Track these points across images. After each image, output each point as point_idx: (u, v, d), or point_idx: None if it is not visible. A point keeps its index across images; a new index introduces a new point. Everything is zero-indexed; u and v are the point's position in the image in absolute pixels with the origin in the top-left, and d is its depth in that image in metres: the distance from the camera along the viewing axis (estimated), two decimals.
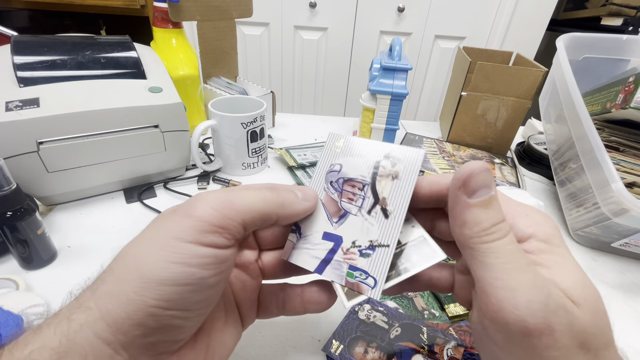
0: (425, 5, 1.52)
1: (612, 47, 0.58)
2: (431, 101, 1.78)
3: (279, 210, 0.20)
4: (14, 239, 0.35)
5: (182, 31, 0.64)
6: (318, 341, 0.32)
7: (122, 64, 0.48)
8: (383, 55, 0.64)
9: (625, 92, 0.46)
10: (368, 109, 0.64)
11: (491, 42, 1.58)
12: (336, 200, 0.22)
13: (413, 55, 1.64)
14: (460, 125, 0.70)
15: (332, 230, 0.22)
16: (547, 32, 1.54)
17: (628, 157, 0.47)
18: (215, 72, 0.70)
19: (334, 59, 1.66)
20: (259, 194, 0.19)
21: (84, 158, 0.43)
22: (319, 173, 0.23)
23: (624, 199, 0.38)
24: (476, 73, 0.64)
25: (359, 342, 0.31)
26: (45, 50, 0.44)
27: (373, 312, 0.34)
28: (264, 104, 0.54)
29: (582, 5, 1.65)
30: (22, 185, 0.36)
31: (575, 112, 0.46)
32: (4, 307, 0.29)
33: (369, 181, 0.21)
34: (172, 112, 0.47)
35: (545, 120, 0.62)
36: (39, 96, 0.40)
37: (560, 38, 0.56)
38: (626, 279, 0.44)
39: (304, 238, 0.22)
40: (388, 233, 0.20)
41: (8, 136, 0.38)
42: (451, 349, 0.31)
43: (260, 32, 1.59)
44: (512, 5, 1.47)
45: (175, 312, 0.16)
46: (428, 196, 0.20)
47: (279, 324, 0.34)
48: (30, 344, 0.15)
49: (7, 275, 0.35)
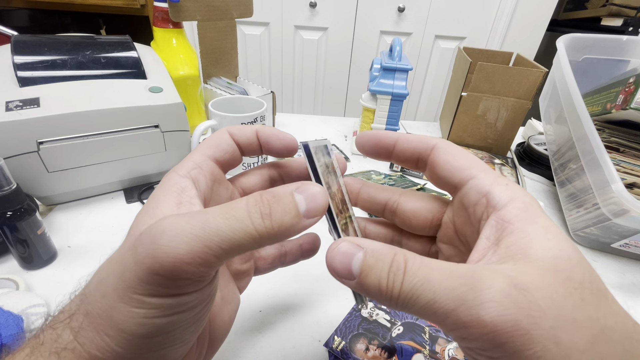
0: (425, 5, 1.52)
1: (612, 48, 0.58)
2: (431, 101, 1.78)
3: (270, 242, 0.15)
4: (14, 239, 0.34)
5: (182, 31, 0.64)
6: (318, 341, 0.32)
7: (123, 64, 0.48)
8: (383, 55, 0.64)
9: (626, 92, 0.46)
10: (368, 109, 0.64)
11: (491, 42, 1.58)
12: None
13: (413, 56, 1.64)
14: (461, 125, 0.70)
15: None
16: (547, 32, 1.54)
17: (628, 158, 0.47)
18: (215, 72, 0.70)
19: (334, 59, 1.66)
20: (244, 228, 0.14)
21: (84, 158, 0.43)
22: None
23: (624, 199, 0.38)
24: (476, 73, 0.64)
25: (360, 339, 0.31)
26: (45, 50, 0.44)
27: (376, 310, 0.34)
28: (264, 104, 0.54)
29: (582, 5, 1.65)
30: (22, 185, 0.36)
31: (575, 112, 0.46)
32: (4, 307, 0.29)
33: None
34: (173, 112, 0.47)
35: (546, 121, 0.62)
36: (39, 96, 0.40)
37: (560, 39, 0.56)
38: (626, 279, 0.44)
39: None
40: None
41: (8, 136, 0.38)
42: (453, 350, 0.31)
43: (261, 32, 1.59)
44: (512, 6, 1.47)
45: (173, 346, 0.15)
46: None
47: (279, 325, 0.34)
48: None
49: (7, 275, 0.35)
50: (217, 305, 0.20)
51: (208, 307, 0.16)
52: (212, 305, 0.19)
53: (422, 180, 0.61)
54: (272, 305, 0.36)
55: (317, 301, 0.36)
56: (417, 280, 0.14)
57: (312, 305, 0.36)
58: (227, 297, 0.21)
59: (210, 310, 0.19)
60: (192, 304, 0.15)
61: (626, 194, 0.38)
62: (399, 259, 0.14)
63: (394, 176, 0.59)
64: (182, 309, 0.15)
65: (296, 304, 0.36)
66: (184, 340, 0.16)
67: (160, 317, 0.14)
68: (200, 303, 0.15)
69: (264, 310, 0.35)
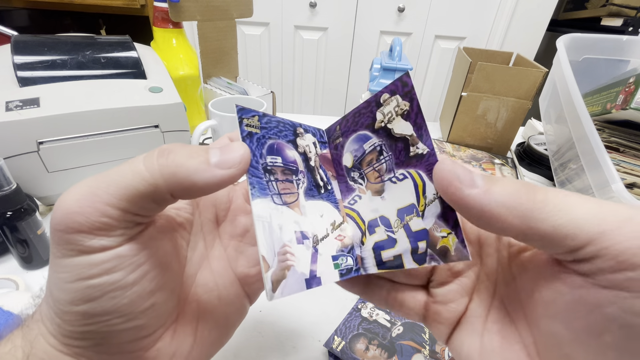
0: (425, 5, 1.52)
1: (612, 48, 0.58)
2: (431, 101, 1.78)
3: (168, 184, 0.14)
4: (14, 239, 0.35)
5: (182, 31, 0.64)
6: (318, 341, 0.32)
7: (123, 64, 0.48)
8: (383, 55, 0.64)
9: (626, 92, 0.46)
10: None
11: (491, 42, 1.58)
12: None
13: (413, 56, 1.64)
14: (461, 125, 0.70)
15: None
16: (547, 32, 1.54)
17: (628, 158, 0.47)
18: (215, 72, 0.70)
19: (334, 59, 1.66)
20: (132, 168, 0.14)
21: (84, 158, 0.43)
22: None
23: (624, 199, 0.38)
24: (476, 73, 0.64)
25: (360, 339, 0.31)
26: (45, 50, 0.44)
27: (376, 310, 0.34)
28: (264, 104, 0.54)
29: (582, 5, 1.65)
30: (22, 185, 0.36)
31: (575, 112, 0.46)
32: (4, 307, 0.29)
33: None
34: (173, 112, 0.47)
35: (546, 121, 0.62)
36: (39, 96, 0.40)
37: (560, 39, 0.56)
38: None
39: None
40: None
41: (8, 136, 0.38)
42: None
43: (261, 32, 1.59)
44: (512, 6, 1.47)
45: (110, 321, 0.15)
46: None
47: (279, 325, 0.34)
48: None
49: (7, 275, 0.35)
50: (210, 302, 0.19)
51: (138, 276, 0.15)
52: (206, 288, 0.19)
53: None
54: (272, 305, 0.36)
55: (317, 301, 0.36)
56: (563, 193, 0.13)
57: (312, 305, 0.36)
58: (224, 297, 0.20)
59: (184, 298, 0.19)
60: (107, 266, 0.14)
61: (626, 194, 0.38)
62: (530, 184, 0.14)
63: None
64: (99, 270, 0.14)
65: (296, 304, 0.36)
66: (121, 314, 0.15)
67: (75, 280, 0.14)
68: (120, 265, 0.15)
69: (264, 311, 0.35)
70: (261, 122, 0.18)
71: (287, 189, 0.18)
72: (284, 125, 0.19)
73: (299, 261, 0.16)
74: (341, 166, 0.19)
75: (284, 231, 0.16)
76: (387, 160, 0.18)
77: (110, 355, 0.16)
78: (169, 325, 0.18)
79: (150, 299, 0.16)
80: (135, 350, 0.16)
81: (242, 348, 0.31)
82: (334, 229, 0.18)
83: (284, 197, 0.17)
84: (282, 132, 0.19)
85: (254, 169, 0.17)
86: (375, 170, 0.18)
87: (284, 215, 0.17)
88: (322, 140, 0.20)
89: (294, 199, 0.18)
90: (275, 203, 0.17)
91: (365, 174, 0.18)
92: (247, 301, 0.21)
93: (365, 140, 0.19)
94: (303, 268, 0.16)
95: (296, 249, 0.16)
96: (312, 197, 0.18)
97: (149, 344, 0.17)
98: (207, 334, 0.19)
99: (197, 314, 0.19)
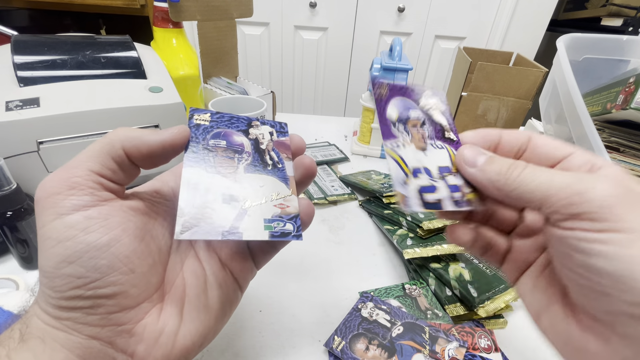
0: (425, 5, 1.52)
1: (613, 48, 0.58)
2: None
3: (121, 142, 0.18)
4: (14, 238, 0.34)
5: (182, 31, 0.64)
6: (318, 341, 0.32)
7: (123, 64, 0.48)
8: (383, 55, 0.64)
9: (626, 92, 0.46)
10: (368, 109, 0.64)
11: (491, 42, 1.58)
12: None
13: (413, 56, 1.64)
14: (461, 125, 0.70)
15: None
16: (547, 32, 1.54)
17: (628, 158, 0.47)
18: (215, 72, 0.70)
19: (334, 59, 1.65)
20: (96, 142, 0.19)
21: None
22: None
23: None
24: (476, 73, 0.64)
25: (360, 339, 0.31)
26: (45, 50, 0.44)
27: (376, 310, 0.34)
28: (264, 104, 0.54)
29: (582, 5, 1.65)
30: (23, 185, 0.36)
31: (575, 112, 0.46)
32: (4, 307, 0.29)
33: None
34: (173, 112, 0.47)
35: (546, 121, 0.62)
36: (39, 96, 0.40)
37: (560, 38, 0.56)
38: None
39: None
40: None
41: (8, 136, 0.38)
42: (453, 350, 0.31)
43: (261, 32, 1.59)
44: (512, 6, 1.47)
45: (93, 283, 0.17)
46: None
47: (279, 325, 0.34)
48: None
49: (7, 275, 0.35)
50: (198, 286, 0.21)
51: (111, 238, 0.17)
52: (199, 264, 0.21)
53: None
54: (272, 305, 0.36)
55: (317, 301, 0.36)
56: (537, 169, 0.18)
57: (312, 305, 0.36)
58: (212, 282, 0.21)
59: (172, 281, 0.21)
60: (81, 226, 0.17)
61: None
62: (519, 162, 0.18)
63: None
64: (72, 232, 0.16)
65: (296, 304, 0.36)
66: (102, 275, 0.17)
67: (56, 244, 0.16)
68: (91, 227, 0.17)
69: (264, 310, 0.35)
70: (212, 117, 0.22)
71: (225, 163, 0.21)
72: (238, 120, 0.23)
73: (219, 216, 0.19)
74: (384, 114, 0.22)
75: (209, 192, 0.20)
76: (429, 130, 0.22)
77: (100, 327, 0.17)
78: (156, 302, 0.19)
79: (128, 265, 0.18)
80: (123, 323, 0.18)
81: (242, 348, 0.31)
82: (276, 199, 0.21)
83: (218, 168, 0.21)
84: (234, 124, 0.23)
85: (192, 147, 0.20)
86: (419, 132, 0.22)
87: (214, 181, 0.20)
88: (280, 130, 0.24)
89: (231, 171, 0.21)
90: (207, 172, 0.20)
91: (410, 132, 0.22)
92: (237, 287, 0.23)
93: (411, 108, 0.23)
94: (223, 222, 0.19)
95: (219, 206, 0.19)
96: (256, 172, 0.22)
97: (136, 317, 0.18)
98: (195, 316, 0.20)
99: (183, 296, 0.20)
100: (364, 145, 0.68)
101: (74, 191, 0.17)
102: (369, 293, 0.36)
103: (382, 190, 0.50)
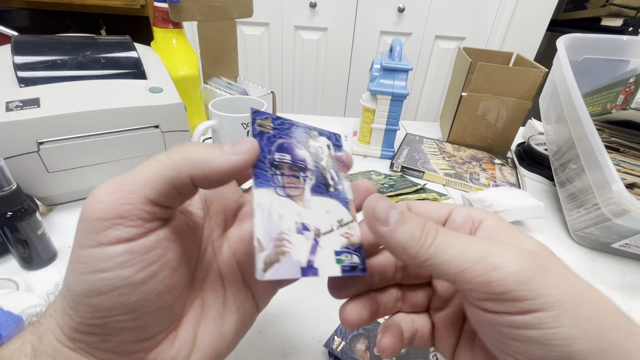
0: (425, 5, 1.52)
1: (613, 48, 0.58)
2: (431, 102, 1.78)
3: (189, 168, 0.16)
4: (14, 239, 0.35)
5: (182, 31, 0.64)
6: (319, 342, 0.32)
7: (123, 64, 0.48)
8: (383, 55, 0.64)
9: (626, 93, 0.46)
10: (368, 109, 0.64)
11: (491, 42, 1.58)
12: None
13: (413, 56, 1.64)
14: (461, 125, 0.70)
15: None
16: (547, 32, 1.54)
17: (628, 158, 0.47)
18: (215, 72, 0.70)
19: (334, 59, 1.65)
20: (157, 159, 0.16)
21: (84, 158, 0.43)
22: None
23: (624, 199, 0.38)
24: (476, 73, 0.64)
25: (360, 339, 0.31)
26: (45, 50, 0.44)
27: None
28: (264, 104, 0.54)
29: (582, 5, 1.65)
30: (23, 185, 0.36)
31: (575, 112, 0.46)
32: (4, 307, 0.29)
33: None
34: (173, 112, 0.47)
35: (546, 121, 0.62)
36: (39, 96, 0.40)
37: (560, 39, 0.56)
38: (626, 279, 0.44)
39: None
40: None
41: (8, 136, 0.38)
42: None
43: (261, 32, 1.59)
44: (512, 6, 1.47)
45: (117, 317, 0.16)
46: None
47: (279, 326, 0.34)
48: (8, 348, 0.16)
49: (7, 276, 0.35)
50: (215, 308, 0.20)
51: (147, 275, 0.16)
52: (213, 293, 0.20)
53: (422, 180, 0.61)
54: (272, 306, 0.36)
55: (317, 301, 0.36)
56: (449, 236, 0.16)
57: (312, 305, 0.36)
58: (231, 304, 0.20)
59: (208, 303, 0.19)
60: (119, 260, 0.15)
61: (626, 194, 0.38)
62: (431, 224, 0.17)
63: (394, 176, 0.59)
64: (112, 264, 0.15)
65: (296, 304, 0.36)
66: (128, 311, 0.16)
67: (91, 272, 0.15)
68: (132, 260, 0.15)
69: (264, 310, 0.35)
70: (274, 123, 0.19)
71: (292, 183, 0.18)
72: (298, 128, 0.20)
73: (296, 249, 0.17)
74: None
75: (283, 220, 0.17)
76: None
77: (113, 354, 0.16)
78: (172, 329, 0.18)
79: (157, 302, 0.16)
80: (137, 352, 0.17)
81: (242, 348, 0.31)
82: (340, 226, 0.19)
83: (288, 190, 0.18)
84: (295, 133, 0.20)
85: (260, 162, 0.18)
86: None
87: (286, 206, 0.18)
88: (336, 143, 0.22)
89: (299, 192, 0.19)
90: (278, 194, 0.18)
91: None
92: (255, 309, 0.22)
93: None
94: (300, 256, 0.17)
95: (295, 237, 0.17)
96: (320, 194, 0.19)
97: (151, 346, 0.17)
98: (208, 342, 0.19)
99: (199, 320, 0.19)
100: (364, 146, 0.68)
101: (122, 220, 0.15)
102: None
103: (382, 190, 0.50)
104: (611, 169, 0.39)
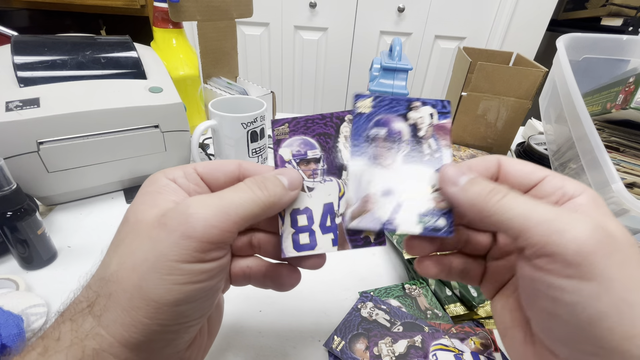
0: (425, 5, 1.52)
1: (612, 48, 0.58)
2: None
3: (270, 210, 0.19)
4: (14, 239, 0.35)
5: (182, 31, 0.64)
6: (318, 341, 0.32)
7: (123, 64, 0.48)
8: (383, 55, 0.64)
9: (626, 92, 0.46)
10: None
11: (491, 42, 1.58)
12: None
13: (413, 56, 1.64)
14: (461, 125, 0.70)
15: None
16: (547, 32, 1.54)
17: (628, 158, 0.47)
18: (215, 72, 0.70)
19: (334, 59, 1.65)
20: (250, 197, 0.19)
21: (84, 158, 0.43)
22: None
23: (624, 199, 0.38)
24: (476, 73, 0.64)
25: (360, 338, 0.31)
26: (45, 50, 0.44)
27: (375, 310, 0.34)
28: (264, 104, 0.54)
29: (582, 5, 1.65)
30: (22, 185, 0.36)
31: (575, 112, 0.46)
32: (4, 307, 0.29)
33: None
34: (173, 112, 0.47)
35: (546, 121, 0.62)
36: (39, 96, 0.40)
37: (560, 38, 0.56)
38: None
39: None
40: None
41: (8, 136, 0.38)
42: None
43: (261, 32, 1.59)
44: (512, 6, 1.47)
45: (193, 322, 0.18)
46: None
47: (279, 325, 0.34)
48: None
49: (7, 275, 0.35)
50: (218, 317, 0.24)
51: (222, 281, 0.19)
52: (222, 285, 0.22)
53: None
54: (272, 305, 0.36)
55: (317, 301, 0.36)
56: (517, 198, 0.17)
57: (312, 305, 0.36)
58: (220, 304, 0.25)
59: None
60: (214, 272, 0.18)
61: (626, 193, 0.38)
62: (500, 187, 0.18)
63: None
64: (206, 276, 0.17)
65: (296, 304, 0.36)
66: (202, 313, 0.18)
67: (188, 283, 0.16)
68: (219, 273, 0.18)
69: (264, 310, 0.35)
70: (374, 102, 0.22)
71: (384, 154, 0.22)
72: (398, 102, 0.22)
73: (380, 208, 0.21)
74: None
75: (371, 185, 0.21)
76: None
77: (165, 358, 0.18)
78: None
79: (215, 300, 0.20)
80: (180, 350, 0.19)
81: (242, 348, 0.31)
82: (434, 191, 0.21)
83: (379, 160, 0.22)
84: (394, 107, 0.22)
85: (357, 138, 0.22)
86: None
87: (375, 174, 0.21)
88: (441, 110, 0.23)
89: (390, 162, 0.22)
90: (369, 164, 0.22)
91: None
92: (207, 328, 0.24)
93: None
94: (382, 214, 0.21)
95: (380, 199, 0.21)
96: (413, 163, 0.22)
97: (182, 356, 0.20)
98: (213, 329, 0.23)
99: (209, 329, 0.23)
100: None
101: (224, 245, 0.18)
102: (369, 293, 0.36)
103: None
104: (611, 169, 0.39)
